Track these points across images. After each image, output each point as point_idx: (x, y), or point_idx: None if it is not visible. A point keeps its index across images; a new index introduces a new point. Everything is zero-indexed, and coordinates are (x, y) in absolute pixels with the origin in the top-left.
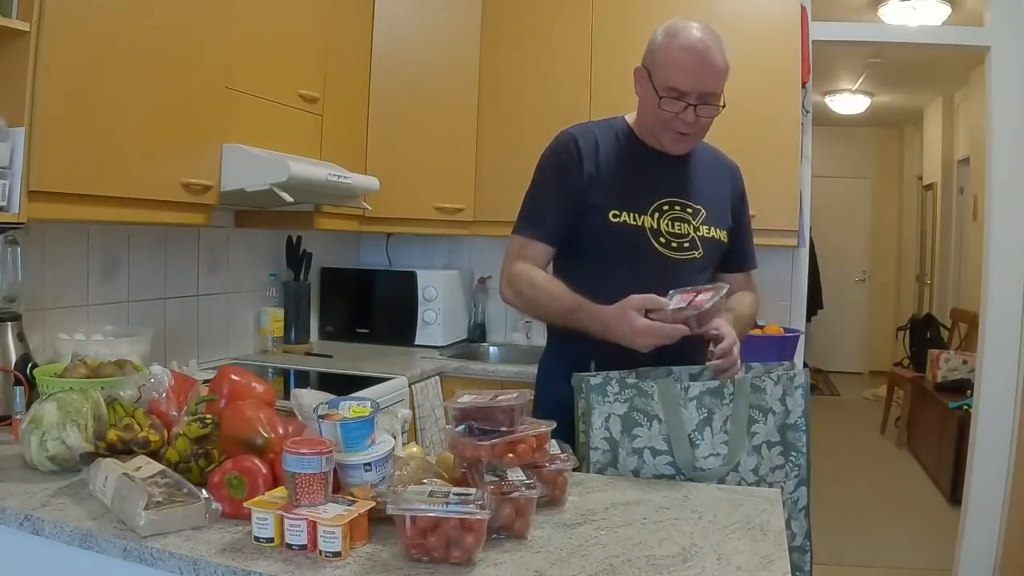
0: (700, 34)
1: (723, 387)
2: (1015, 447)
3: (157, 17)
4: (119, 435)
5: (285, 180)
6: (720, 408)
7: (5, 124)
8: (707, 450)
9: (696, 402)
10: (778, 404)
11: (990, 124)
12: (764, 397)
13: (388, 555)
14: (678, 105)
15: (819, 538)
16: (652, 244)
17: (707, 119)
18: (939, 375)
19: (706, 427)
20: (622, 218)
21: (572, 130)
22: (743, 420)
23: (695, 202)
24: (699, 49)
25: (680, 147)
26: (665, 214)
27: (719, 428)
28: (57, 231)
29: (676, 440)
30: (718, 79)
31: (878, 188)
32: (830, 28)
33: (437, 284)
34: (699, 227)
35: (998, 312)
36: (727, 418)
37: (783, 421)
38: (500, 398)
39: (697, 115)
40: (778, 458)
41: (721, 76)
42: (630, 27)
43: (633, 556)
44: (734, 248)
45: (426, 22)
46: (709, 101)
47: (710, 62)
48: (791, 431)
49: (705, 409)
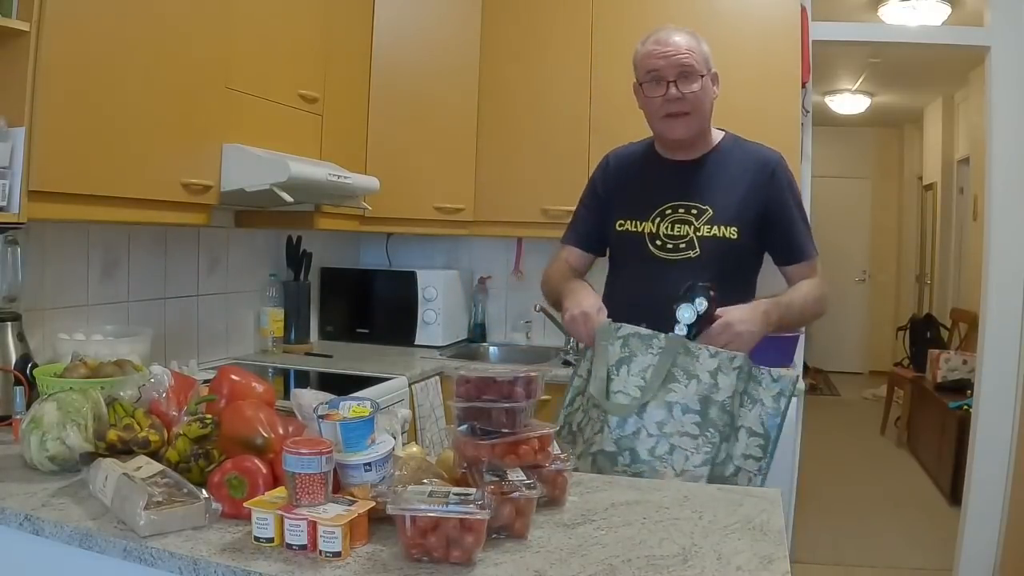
0: (665, 27)
1: (653, 337)
2: (1015, 447)
3: (157, 17)
4: (119, 435)
5: (285, 180)
6: (643, 354)
7: (5, 124)
8: (618, 386)
9: (622, 341)
10: (707, 375)
11: (990, 124)
12: (694, 363)
13: (388, 555)
14: (658, 88)
15: (819, 538)
16: (648, 248)
17: (691, 93)
18: (939, 375)
19: (623, 366)
20: (625, 226)
21: (613, 151)
22: (662, 373)
23: (702, 203)
24: (662, 34)
25: (677, 130)
26: (667, 218)
27: (636, 371)
28: (57, 231)
29: (596, 370)
30: (687, 53)
31: (878, 188)
32: (830, 28)
33: (437, 284)
34: (700, 227)
35: (998, 312)
36: (649, 366)
37: (707, 394)
38: (500, 373)
39: (680, 90)
40: (692, 427)
41: (690, 50)
42: (630, 28)
43: (633, 556)
44: (778, 241)
45: (426, 22)
46: (687, 74)
47: (674, 40)
48: (715, 407)
49: (628, 349)
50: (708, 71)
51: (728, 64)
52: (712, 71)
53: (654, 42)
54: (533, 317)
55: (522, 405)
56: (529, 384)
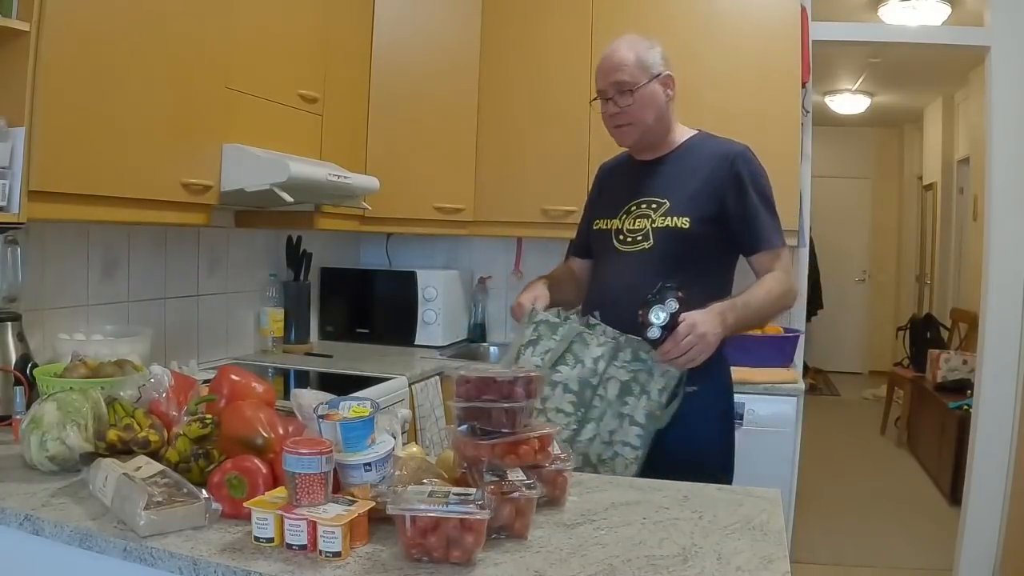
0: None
1: (559, 325)
2: (1015, 447)
3: (157, 17)
4: (119, 435)
5: (285, 180)
6: (547, 339)
7: (5, 124)
8: (522, 364)
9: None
10: (590, 361)
11: (990, 124)
12: (584, 350)
13: (388, 555)
14: (604, 104)
15: (819, 538)
16: (612, 243)
17: (628, 106)
18: (939, 375)
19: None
20: (600, 225)
21: (604, 162)
22: (555, 356)
23: (661, 197)
24: (608, 52)
25: (624, 140)
26: (631, 214)
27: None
28: (57, 231)
29: (510, 348)
30: (623, 69)
31: (878, 188)
32: (830, 28)
33: (437, 284)
34: (656, 219)
35: (998, 312)
36: (548, 350)
37: (587, 377)
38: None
39: (618, 105)
40: (568, 405)
41: (623, 64)
42: (630, 27)
43: (633, 556)
44: (737, 231)
45: (426, 22)
46: (622, 90)
47: (614, 57)
48: (590, 390)
49: (536, 333)
50: (651, 78)
51: (728, 64)
52: (659, 75)
53: (600, 60)
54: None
55: (522, 405)
56: (529, 384)
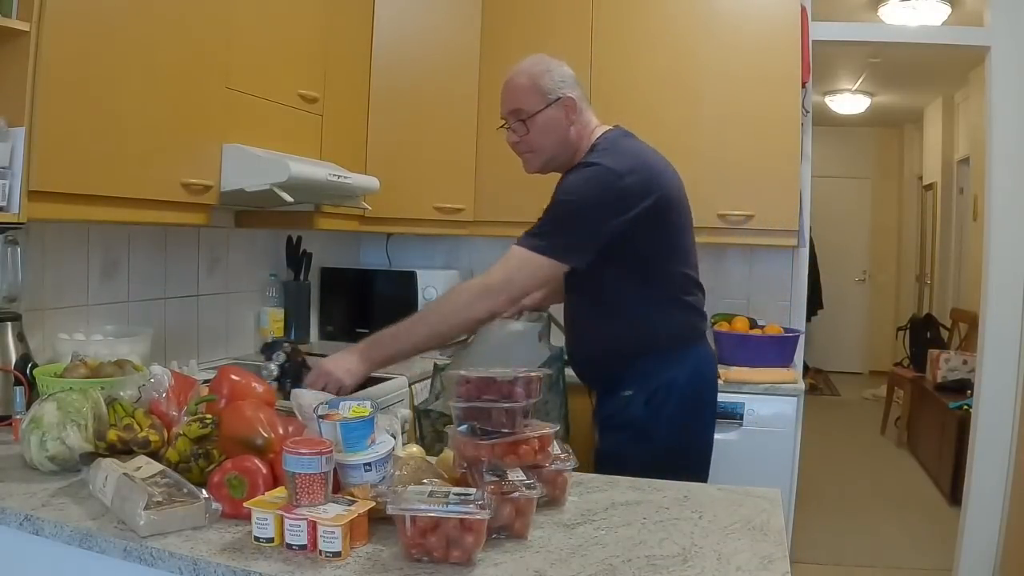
0: (517, 64)
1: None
2: (1015, 447)
3: (157, 17)
4: (119, 435)
5: (285, 180)
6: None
7: (5, 124)
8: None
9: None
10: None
11: (990, 124)
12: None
13: (388, 555)
14: (506, 132)
15: (819, 538)
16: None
17: (524, 134)
18: (939, 375)
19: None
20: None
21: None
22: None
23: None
24: (506, 77)
25: (528, 167)
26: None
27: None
28: (57, 231)
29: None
30: (517, 97)
31: (878, 188)
32: (830, 28)
33: (437, 284)
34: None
35: (998, 312)
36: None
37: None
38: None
39: (514, 131)
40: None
41: (519, 93)
42: (630, 28)
43: (633, 556)
44: None
45: (426, 22)
46: (519, 118)
47: (509, 84)
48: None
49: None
50: (548, 103)
51: (728, 64)
52: (557, 99)
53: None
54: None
55: (522, 405)
56: (529, 384)
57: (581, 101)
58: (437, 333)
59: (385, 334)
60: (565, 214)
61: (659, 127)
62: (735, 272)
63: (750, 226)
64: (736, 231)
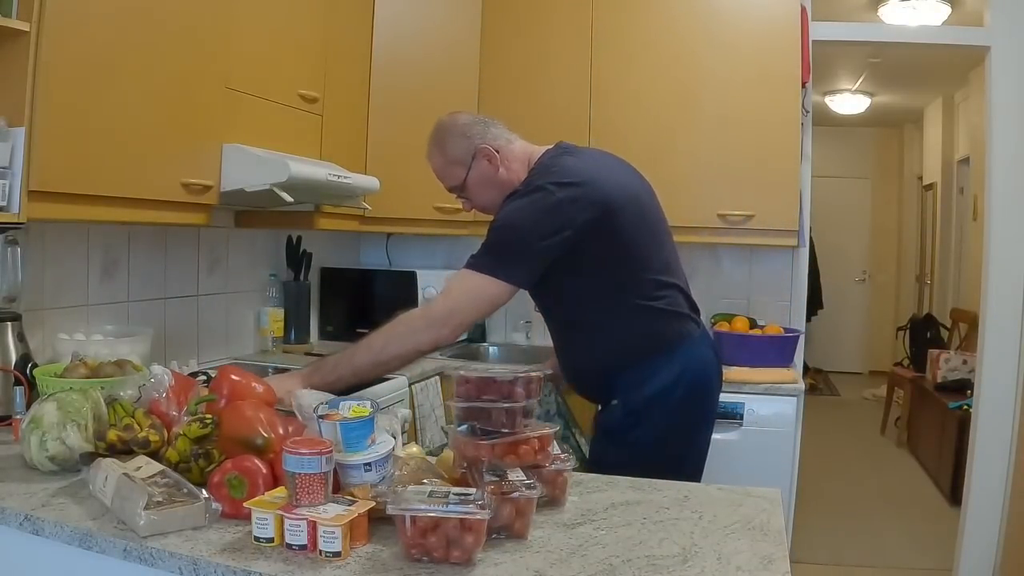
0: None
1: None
2: (1015, 447)
3: (157, 17)
4: (119, 435)
5: (285, 180)
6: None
7: (5, 124)
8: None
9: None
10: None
11: (990, 124)
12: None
13: (388, 555)
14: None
15: (819, 538)
16: None
17: (468, 199)
18: (939, 375)
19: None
20: None
21: None
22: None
23: None
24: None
25: (488, 214)
26: None
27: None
28: (57, 231)
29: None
30: (441, 176)
31: (878, 188)
32: (830, 28)
33: (437, 284)
34: None
35: (998, 312)
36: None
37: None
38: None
39: (464, 200)
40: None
41: (440, 174)
42: (630, 28)
43: (633, 556)
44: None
45: (426, 22)
46: (456, 192)
47: (431, 165)
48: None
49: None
50: (469, 165)
51: (728, 64)
52: (474, 155)
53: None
54: (533, 317)
55: (522, 405)
56: (529, 384)
57: (497, 139)
58: (379, 362)
59: (329, 359)
60: (502, 238)
61: (659, 127)
62: (735, 272)
63: (750, 226)
64: (736, 231)
